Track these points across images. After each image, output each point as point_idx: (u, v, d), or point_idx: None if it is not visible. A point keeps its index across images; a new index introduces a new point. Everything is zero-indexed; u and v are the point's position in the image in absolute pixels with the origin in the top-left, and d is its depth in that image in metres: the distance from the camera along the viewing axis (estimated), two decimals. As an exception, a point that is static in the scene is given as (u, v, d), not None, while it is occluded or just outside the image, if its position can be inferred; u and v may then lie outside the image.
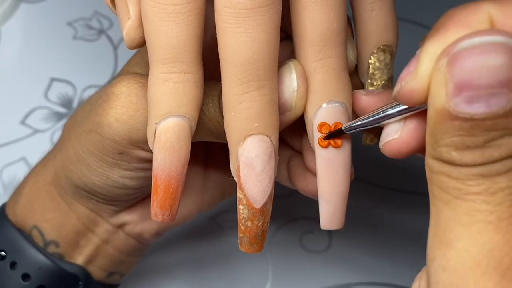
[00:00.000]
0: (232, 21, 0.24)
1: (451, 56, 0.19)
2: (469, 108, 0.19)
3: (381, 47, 0.29)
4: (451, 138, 0.20)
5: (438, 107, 0.20)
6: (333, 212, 0.27)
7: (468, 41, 0.19)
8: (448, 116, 0.19)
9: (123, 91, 0.29)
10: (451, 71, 0.19)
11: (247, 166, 0.25)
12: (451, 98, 0.19)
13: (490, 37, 0.19)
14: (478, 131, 0.19)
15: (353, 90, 0.28)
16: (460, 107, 0.19)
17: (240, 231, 0.26)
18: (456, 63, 0.19)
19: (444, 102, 0.19)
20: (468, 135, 0.19)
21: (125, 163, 0.30)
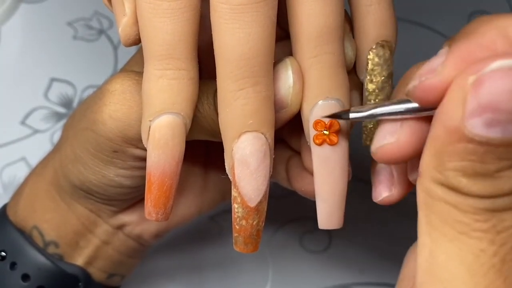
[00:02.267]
0: (228, 17, 0.24)
1: (481, 74, 0.18)
2: (486, 132, 0.18)
3: (380, 43, 0.28)
4: (461, 162, 0.18)
5: (450, 125, 0.18)
6: (330, 211, 0.27)
7: (502, 61, 0.18)
8: (462, 138, 0.18)
9: (117, 88, 0.29)
10: (478, 90, 0.18)
11: (241, 164, 0.25)
12: (469, 118, 0.18)
13: None
14: (490, 158, 0.18)
15: (351, 87, 0.27)
16: (477, 129, 0.18)
17: (235, 230, 0.26)
18: (486, 82, 0.18)
19: (459, 121, 0.18)
20: (480, 161, 0.18)
21: (120, 161, 0.30)
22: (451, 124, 0.18)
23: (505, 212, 0.19)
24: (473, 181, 0.19)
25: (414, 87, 0.20)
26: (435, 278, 0.19)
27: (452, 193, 0.19)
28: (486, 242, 0.19)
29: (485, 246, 0.19)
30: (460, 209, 0.19)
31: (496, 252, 0.19)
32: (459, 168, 0.19)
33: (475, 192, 0.19)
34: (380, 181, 0.27)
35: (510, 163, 0.18)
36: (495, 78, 0.18)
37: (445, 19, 0.51)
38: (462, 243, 0.19)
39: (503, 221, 0.19)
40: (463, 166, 0.18)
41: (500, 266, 0.19)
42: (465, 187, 0.19)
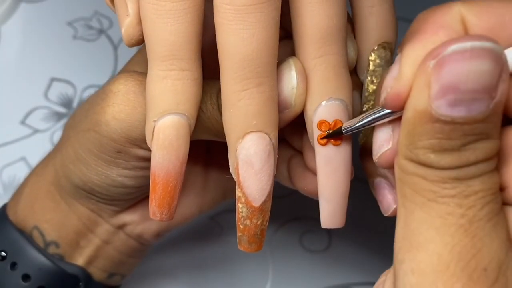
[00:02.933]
0: (231, 18, 0.24)
1: (439, 58, 0.19)
2: (451, 111, 0.19)
3: (381, 44, 0.29)
4: (429, 141, 0.20)
5: (419, 108, 0.20)
6: (334, 211, 0.27)
7: (459, 44, 0.19)
8: (429, 118, 0.20)
9: (120, 89, 0.29)
10: (438, 73, 0.19)
11: (246, 164, 0.25)
12: (434, 100, 0.19)
13: (480, 42, 0.19)
14: (456, 135, 0.20)
15: (352, 88, 0.27)
16: (442, 109, 0.19)
17: (239, 230, 0.26)
18: (444, 65, 0.19)
19: (426, 104, 0.20)
20: (446, 138, 0.20)
21: (124, 162, 0.30)
22: (419, 106, 0.20)
23: (473, 179, 0.20)
24: (440, 156, 0.20)
25: (384, 99, 0.22)
26: (410, 242, 0.21)
27: (422, 167, 0.20)
28: (453, 206, 0.20)
29: (452, 209, 0.20)
30: (429, 179, 0.20)
31: (464, 214, 0.20)
32: (427, 145, 0.20)
33: (443, 165, 0.20)
34: (383, 195, 0.27)
35: (475, 137, 0.20)
36: (452, 61, 0.19)
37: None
38: (431, 209, 0.20)
39: (470, 186, 0.20)
40: (431, 143, 0.20)
41: (468, 226, 0.20)
42: (433, 161, 0.20)
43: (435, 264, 0.20)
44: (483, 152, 0.20)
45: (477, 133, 0.20)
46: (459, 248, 0.20)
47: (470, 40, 0.19)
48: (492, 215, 0.20)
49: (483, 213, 0.20)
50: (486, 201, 0.20)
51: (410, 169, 0.21)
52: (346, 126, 0.26)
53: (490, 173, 0.21)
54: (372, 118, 0.24)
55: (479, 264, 0.20)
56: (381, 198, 0.27)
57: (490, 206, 0.20)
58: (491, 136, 0.20)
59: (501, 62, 0.19)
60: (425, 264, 0.20)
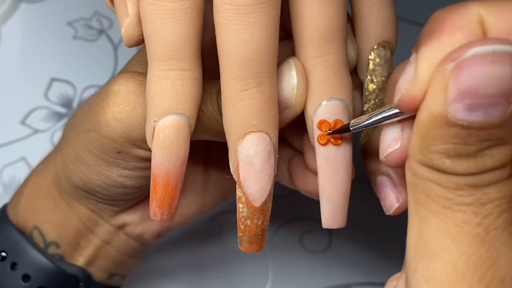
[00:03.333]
0: (231, 18, 0.24)
1: (459, 61, 0.19)
2: (468, 116, 0.19)
3: (381, 43, 0.29)
4: (444, 145, 0.20)
5: (434, 112, 0.19)
6: (334, 211, 0.27)
7: (480, 47, 0.18)
8: (445, 122, 0.19)
9: (121, 90, 0.29)
10: (457, 77, 0.19)
11: (246, 164, 0.25)
12: (451, 103, 0.19)
13: (502, 46, 0.18)
14: (472, 140, 0.19)
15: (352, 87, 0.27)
16: (459, 113, 0.19)
17: (240, 230, 0.26)
18: (464, 68, 0.19)
19: (442, 107, 0.19)
20: (462, 143, 0.19)
21: (124, 162, 0.30)
22: (435, 110, 0.19)
23: (489, 186, 0.20)
24: (456, 161, 0.20)
25: (398, 101, 0.21)
26: (424, 250, 0.21)
27: (436, 172, 0.20)
28: (469, 214, 0.20)
29: (468, 218, 0.20)
30: (444, 186, 0.20)
31: (480, 223, 0.20)
32: (442, 150, 0.20)
33: (458, 171, 0.20)
34: (385, 193, 0.27)
35: (491, 143, 0.19)
36: (472, 64, 0.18)
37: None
38: (446, 216, 0.20)
39: (487, 194, 0.20)
40: (446, 148, 0.20)
41: (484, 236, 0.20)
42: (448, 167, 0.20)
43: (451, 274, 0.20)
44: (499, 158, 0.20)
45: (494, 138, 0.19)
46: (475, 258, 0.20)
47: (492, 43, 0.18)
48: (507, 224, 0.20)
49: (499, 222, 0.20)
50: (502, 209, 0.20)
51: (424, 174, 0.20)
52: (354, 123, 0.25)
53: (505, 180, 0.20)
54: (381, 116, 0.24)
55: (496, 275, 0.20)
56: (383, 197, 0.27)
57: (506, 215, 0.20)
58: (507, 142, 0.20)
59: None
60: (440, 274, 0.20)
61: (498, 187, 0.20)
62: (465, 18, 0.20)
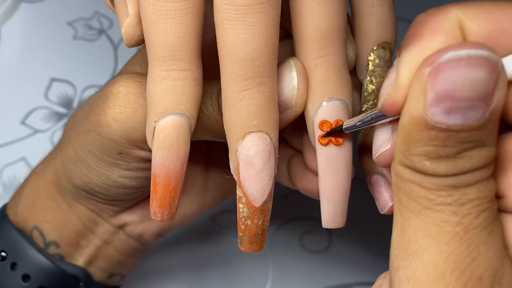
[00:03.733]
0: (231, 18, 0.24)
1: (435, 66, 0.19)
2: (446, 119, 0.19)
3: (381, 44, 0.29)
4: (424, 148, 0.20)
5: (414, 115, 0.20)
6: (335, 211, 0.27)
7: (454, 52, 0.19)
8: (424, 125, 0.20)
9: (121, 91, 0.29)
10: (434, 81, 0.19)
11: (246, 164, 0.25)
12: (430, 107, 0.19)
13: (476, 50, 0.19)
14: (452, 142, 0.20)
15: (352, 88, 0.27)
16: (437, 117, 0.19)
17: (240, 230, 0.26)
18: (440, 73, 0.19)
19: (421, 111, 0.19)
20: (442, 145, 0.20)
21: (125, 163, 0.30)
22: (415, 113, 0.20)
23: (468, 187, 0.20)
24: (436, 163, 0.20)
25: (382, 105, 0.22)
26: (406, 249, 0.21)
27: (417, 174, 0.20)
28: (449, 213, 0.20)
29: (447, 217, 0.20)
30: (424, 187, 0.20)
31: (459, 222, 0.20)
32: (423, 153, 0.20)
33: (438, 172, 0.20)
34: (380, 193, 0.27)
35: (470, 145, 0.20)
36: (447, 68, 0.19)
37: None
38: (427, 217, 0.20)
39: (466, 194, 0.20)
40: (427, 151, 0.20)
41: (463, 235, 0.20)
42: (429, 169, 0.20)
43: (431, 273, 0.20)
44: (479, 159, 0.20)
45: (473, 140, 0.20)
46: (455, 257, 0.20)
47: (465, 48, 0.19)
48: (487, 223, 0.20)
49: (479, 221, 0.20)
50: (481, 209, 0.20)
51: (406, 176, 0.21)
52: (346, 125, 0.26)
53: (486, 181, 0.20)
54: (372, 118, 0.24)
55: (475, 273, 0.20)
56: (378, 196, 0.27)
57: (485, 214, 0.20)
58: (487, 143, 0.20)
59: (497, 70, 0.19)
60: (420, 273, 0.20)
61: (477, 187, 0.20)
62: (445, 22, 0.21)
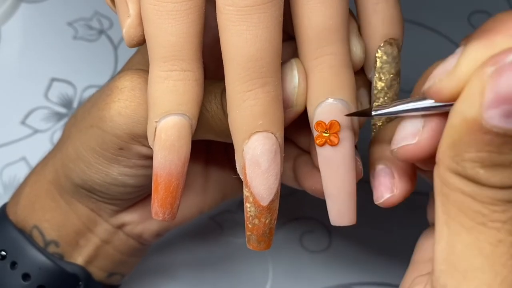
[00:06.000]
0: (234, 19, 0.24)
1: (500, 66, 0.18)
2: (504, 123, 0.18)
3: (388, 40, 0.28)
4: (477, 153, 0.18)
5: (468, 116, 0.18)
6: (340, 209, 0.27)
7: None
8: (479, 128, 0.18)
9: (126, 85, 0.29)
10: (496, 81, 0.18)
11: (252, 164, 0.25)
12: (487, 109, 0.18)
13: None
14: (509, 149, 0.18)
15: (359, 86, 0.27)
16: (495, 120, 0.18)
17: (248, 229, 0.26)
18: (503, 74, 0.17)
19: (477, 112, 0.18)
20: (497, 152, 0.18)
21: (125, 159, 0.30)
22: (469, 114, 0.18)
23: None
24: (491, 172, 0.18)
25: (429, 88, 0.20)
26: (454, 267, 0.19)
27: (469, 184, 0.19)
28: (504, 232, 0.19)
29: (503, 236, 0.19)
30: (478, 199, 0.19)
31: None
32: (476, 159, 0.18)
33: (493, 183, 0.18)
34: (380, 182, 0.27)
35: None
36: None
37: (446, 19, 0.51)
38: (480, 233, 0.19)
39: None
40: (480, 157, 0.18)
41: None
42: (482, 177, 0.19)
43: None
44: None
45: None
46: (511, 281, 0.19)
47: None
48: None
49: None
50: None
51: (456, 184, 0.19)
52: (376, 108, 0.24)
53: None
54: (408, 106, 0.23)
55: None
56: (377, 185, 0.27)
57: None
58: None
59: None
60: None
61: None
62: None
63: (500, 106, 0.17)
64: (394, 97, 0.29)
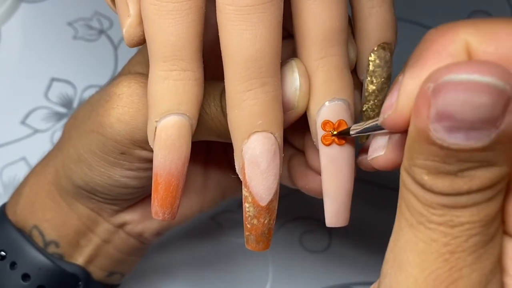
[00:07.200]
0: (234, 18, 0.24)
1: (436, 84, 0.18)
2: (447, 137, 0.19)
3: (381, 45, 0.29)
4: (425, 161, 0.19)
5: (418, 126, 0.19)
6: (338, 210, 0.27)
7: (454, 75, 0.18)
8: (426, 139, 0.19)
9: (124, 91, 0.29)
10: (435, 98, 0.18)
11: (252, 164, 0.25)
12: (432, 122, 0.19)
13: (479, 76, 0.18)
14: (452, 160, 0.19)
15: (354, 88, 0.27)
16: (438, 133, 0.19)
17: (246, 229, 0.26)
18: (440, 92, 0.18)
19: (424, 124, 0.19)
20: (442, 162, 0.19)
21: (127, 163, 0.30)
22: (419, 124, 0.19)
23: (462, 209, 0.20)
24: (434, 179, 0.20)
25: (382, 123, 0.22)
26: (394, 258, 0.21)
27: (416, 185, 0.20)
28: (439, 233, 0.20)
29: (436, 237, 0.20)
30: (421, 201, 0.20)
31: (447, 243, 0.20)
32: (423, 166, 0.20)
33: (435, 189, 0.20)
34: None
35: (474, 164, 0.19)
36: (447, 90, 0.18)
37: (445, 19, 0.51)
38: (418, 231, 0.20)
39: (458, 217, 0.20)
40: (427, 164, 0.20)
41: (448, 256, 0.20)
42: (427, 183, 0.20)
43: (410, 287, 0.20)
44: (480, 181, 0.19)
45: (476, 160, 0.19)
46: (435, 276, 0.20)
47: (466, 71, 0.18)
48: (477, 247, 0.20)
49: (468, 245, 0.20)
50: (472, 233, 0.20)
51: (407, 184, 0.21)
52: (353, 129, 0.26)
53: (485, 204, 0.20)
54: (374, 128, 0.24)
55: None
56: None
57: (476, 239, 0.20)
58: (495, 163, 0.19)
59: (504, 95, 0.18)
60: (401, 285, 0.21)
61: (471, 211, 0.20)
62: (452, 46, 0.20)
63: (442, 121, 0.18)
64: (383, 100, 0.29)
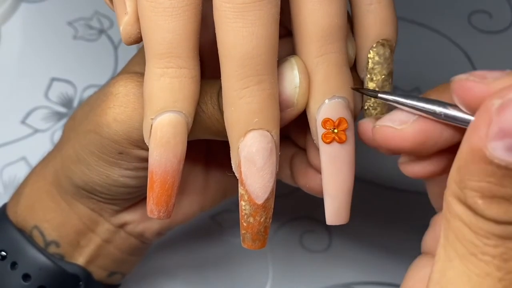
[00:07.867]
0: (231, 16, 0.24)
1: (506, 100, 0.18)
2: (507, 156, 0.18)
3: (380, 41, 0.28)
4: (479, 183, 0.19)
5: (474, 144, 0.19)
6: (338, 208, 0.27)
7: None
8: (482, 158, 0.18)
9: (120, 91, 0.29)
10: (501, 114, 0.18)
11: (248, 162, 0.25)
12: (491, 140, 0.18)
13: None
14: (509, 182, 0.18)
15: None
16: (497, 152, 0.18)
17: (243, 227, 0.26)
18: (506, 109, 0.18)
19: (482, 142, 0.18)
20: (498, 184, 0.18)
21: (126, 163, 0.30)
22: (474, 143, 0.19)
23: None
24: (489, 203, 0.19)
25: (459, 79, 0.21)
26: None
27: (468, 212, 0.19)
28: (493, 267, 0.19)
29: (491, 270, 0.19)
30: (473, 230, 0.19)
31: (501, 279, 0.19)
32: (477, 188, 0.19)
33: (489, 215, 0.19)
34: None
35: None
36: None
37: (445, 19, 0.51)
38: (470, 263, 0.19)
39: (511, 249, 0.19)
40: (481, 186, 0.19)
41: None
42: (480, 208, 0.19)
43: None
44: None
45: None
46: None
47: None
48: None
49: None
50: None
51: (456, 210, 0.20)
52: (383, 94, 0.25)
53: None
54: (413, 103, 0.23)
55: None
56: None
57: None
58: None
59: None
60: None
61: None
62: None
63: (504, 139, 0.18)
64: None
